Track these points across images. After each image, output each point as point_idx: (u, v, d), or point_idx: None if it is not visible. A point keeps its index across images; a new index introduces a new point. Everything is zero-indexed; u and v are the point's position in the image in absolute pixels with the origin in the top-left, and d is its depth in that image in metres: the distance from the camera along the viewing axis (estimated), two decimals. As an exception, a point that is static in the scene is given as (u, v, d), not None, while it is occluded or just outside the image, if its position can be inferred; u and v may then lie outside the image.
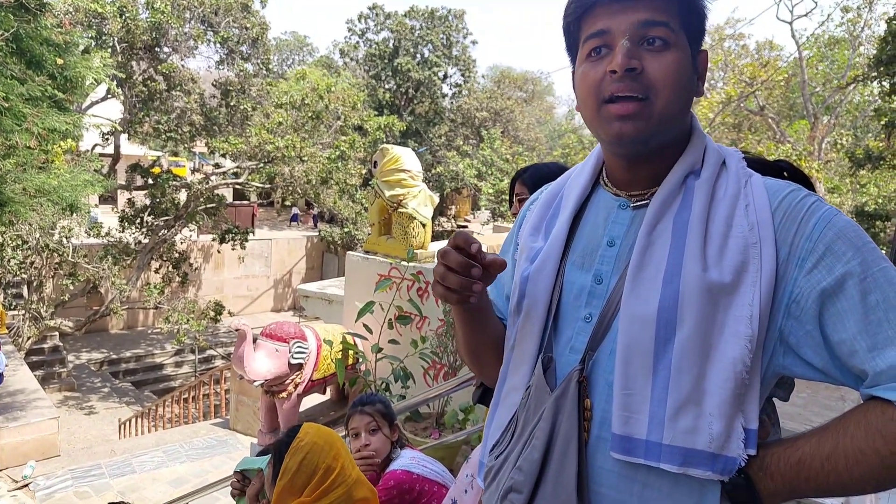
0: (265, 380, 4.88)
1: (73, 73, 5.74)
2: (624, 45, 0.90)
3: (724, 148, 1.00)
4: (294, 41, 43.72)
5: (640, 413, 0.88)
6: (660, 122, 0.92)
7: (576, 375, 0.95)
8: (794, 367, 0.89)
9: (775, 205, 0.90)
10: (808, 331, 0.86)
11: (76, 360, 16.07)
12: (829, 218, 0.86)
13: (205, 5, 13.97)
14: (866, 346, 0.81)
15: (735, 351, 0.85)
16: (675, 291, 0.88)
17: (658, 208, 0.94)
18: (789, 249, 0.87)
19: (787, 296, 0.86)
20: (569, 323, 1.01)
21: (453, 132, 29.04)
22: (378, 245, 5.57)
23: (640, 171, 1.00)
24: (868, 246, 0.85)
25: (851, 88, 17.42)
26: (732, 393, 0.85)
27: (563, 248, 1.05)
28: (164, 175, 14.66)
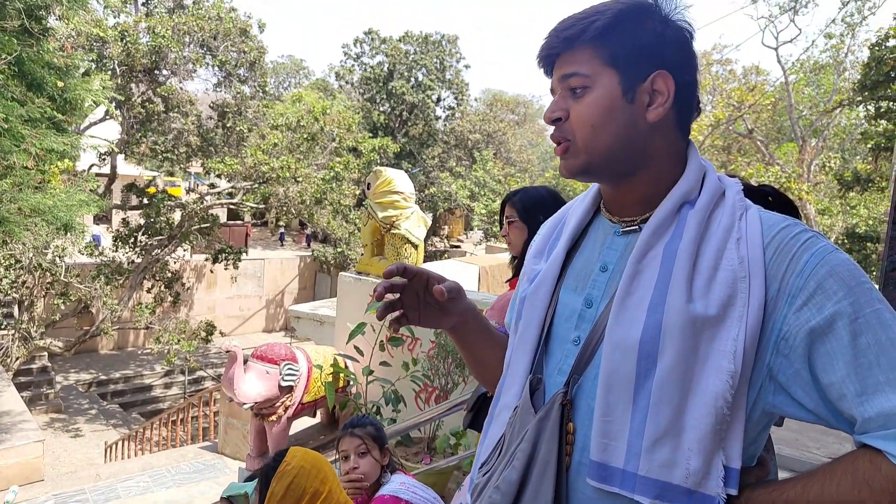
0: (255, 402, 4.87)
1: (73, 95, 5.80)
2: (552, 100, 1.01)
3: (725, 178, 1.00)
4: (291, 64, 44.09)
5: (619, 441, 0.88)
6: (590, 156, 0.98)
7: (559, 398, 0.95)
8: (785, 407, 0.87)
9: (768, 239, 0.89)
10: (797, 370, 0.84)
11: (64, 381, 15.91)
12: (822, 255, 0.84)
13: (204, 30, 14.14)
14: (855, 391, 0.79)
15: (716, 386, 0.84)
16: (657, 321, 0.88)
17: (649, 236, 0.94)
18: (779, 285, 0.85)
19: (776, 332, 0.85)
20: (559, 345, 1.01)
21: (446, 154, 29.24)
22: (371, 266, 5.61)
23: (623, 197, 1.02)
24: (863, 286, 0.82)
25: (838, 112, 17.68)
26: (712, 428, 0.83)
27: (560, 271, 1.06)
28: (160, 195, 14.69)
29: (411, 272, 1.08)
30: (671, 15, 0.97)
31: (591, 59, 0.95)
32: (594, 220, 1.09)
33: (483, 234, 26.47)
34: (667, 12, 0.97)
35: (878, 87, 12.72)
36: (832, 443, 3.32)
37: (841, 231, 17.09)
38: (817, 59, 19.81)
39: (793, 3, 16.97)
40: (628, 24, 0.95)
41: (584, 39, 0.95)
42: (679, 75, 0.96)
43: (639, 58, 0.94)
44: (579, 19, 0.96)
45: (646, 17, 0.96)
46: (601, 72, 0.95)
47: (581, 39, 0.96)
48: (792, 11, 17.17)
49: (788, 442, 3.28)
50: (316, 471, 1.86)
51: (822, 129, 18.36)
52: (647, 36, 0.95)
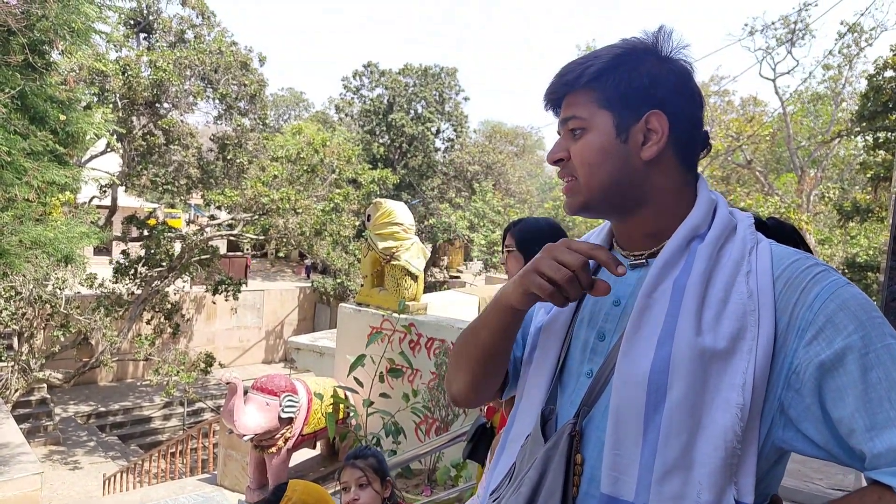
0: (255, 434, 4.83)
1: (75, 128, 5.85)
2: (555, 141, 1.07)
3: (736, 212, 1.02)
4: (291, 97, 44.65)
5: (629, 475, 0.88)
6: (591, 194, 1.01)
7: (568, 429, 0.96)
8: (794, 443, 0.87)
9: (778, 272, 0.89)
10: (807, 405, 0.84)
11: (63, 413, 15.78)
12: (833, 289, 0.85)
13: (205, 64, 14.35)
14: (864, 426, 0.79)
15: (726, 419, 0.84)
16: (666, 355, 0.88)
17: (659, 271, 0.95)
18: (789, 319, 0.86)
19: (787, 366, 0.85)
20: (572, 377, 1.03)
21: (446, 185, 29.40)
22: (370, 297, 5.61)
23: (629, 231, 1.04)
24: (874, 321, 0.82)
25: (836, 143, 17.83)
26: (723, 462, 0.83)
27: (577, 305, 1.08)
28: (160, 226, 14.75)
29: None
30: (671, 53, 1.01)
31: (588, 103, 1.00)
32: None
33: (483, 264, 26.48)
34: (666, 52, 1.01)
35: (876, 118, 12.84)
36: (835, 473, 3.27)
37: (841, 261, 17.09)
38: (815, 90, 20.07)
39: (790, 34, 17.25)
40: (622, 67, 0.99)
41: (581, 84, 1.01)
42: (676, 112, 0.98)
43: (632, 99, 0.98)
44: (578, 64, 1.02)
45: (641, 60, 0.99)
46: (597, 114, 0.99)
47: (578, 84, 1.01)
48: (789, 43, 17.45)
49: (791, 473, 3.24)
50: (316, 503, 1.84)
51: (820, 159, 18.50)
52: (642, 78, 0.98)
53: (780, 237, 1.09)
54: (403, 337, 5.00)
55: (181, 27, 15.28)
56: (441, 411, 4.46)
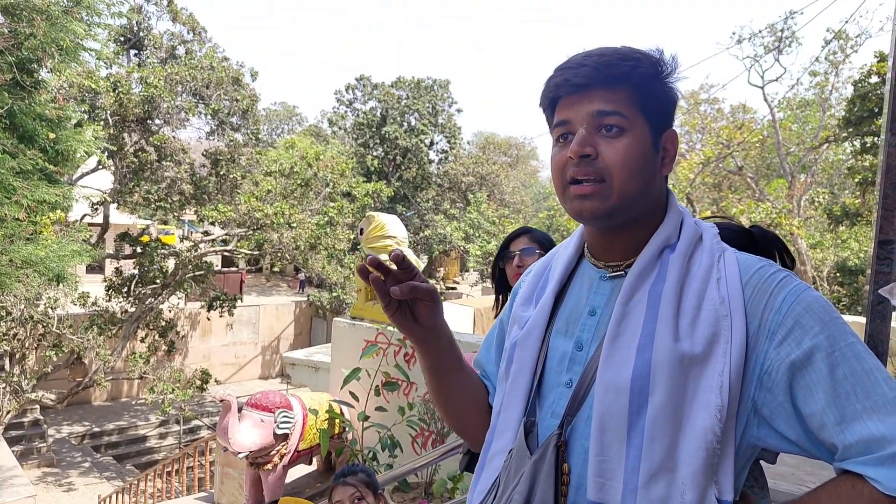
0: (250, 451, 4.78)
1: (65, 146, 5.85)
2: (580, 134, 0.97)
3: (701, 223, 1.05)
4: (283, 111, 44.76)
5: (615, 480, 0.90)
6: (618, 201, 0.97)
7: (554, 440, 0.97)
8: (768, 439, 0.90)
9: (746, 279, 0.93)
10: (780, 402, 0.87)
11: (57, 434, 15.64)
12: (797, 293, 0.89)
13: (197, 80, 14.38)
14: (835, 420, 0.83)
15: (705, 420, 0.87)
16: (647, 361, 0.91)
17: (635, 280, 0.98)
18: (759, 322, 0.89)
19: (759, 367, 0.89)
20: (551, 388, 1.03)
21: (440, 196, 29.48)
22: (365, 311, 5.57)
23: (614, 243, 1.04)
24: (836, 321, 0.87)
25: (825, 148, 17.96)
26: (704, 462, 0.86)
27: (549, 317, 1.08)
28: (153, 243, 14.71)
29: (407, 265, 1.01)
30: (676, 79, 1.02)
31: (631, 104, 0.97)
32: (578, 266, 1.12)
33: (479, 275, 26.49)
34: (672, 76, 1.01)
35: (863, 123, 12.97)
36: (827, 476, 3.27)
37: (832, 265, 17.18)
38: (803, 97, 20.23)
39: (777, 42, 17.41)
40: (660, 78, 0.99)
41: (628, 82, 0.97)
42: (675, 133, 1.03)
43: (662, 113, 1.00)
44: (621, 59, 0.97)
45: (668, 76, 1.00)
46: (637, 118, 0.97)
47: (625, 81, 0.97)
48: (776, 51, 17.60)
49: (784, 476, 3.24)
50: (308, 521, 1.82)
51: (810, 164, 18.64)
52: (669, 94, 1.00)
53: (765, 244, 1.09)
54: (398, 350, 4.97)
55: (172, 43, 15.34)
56: (437, 424, 4.44)
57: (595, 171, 0.96)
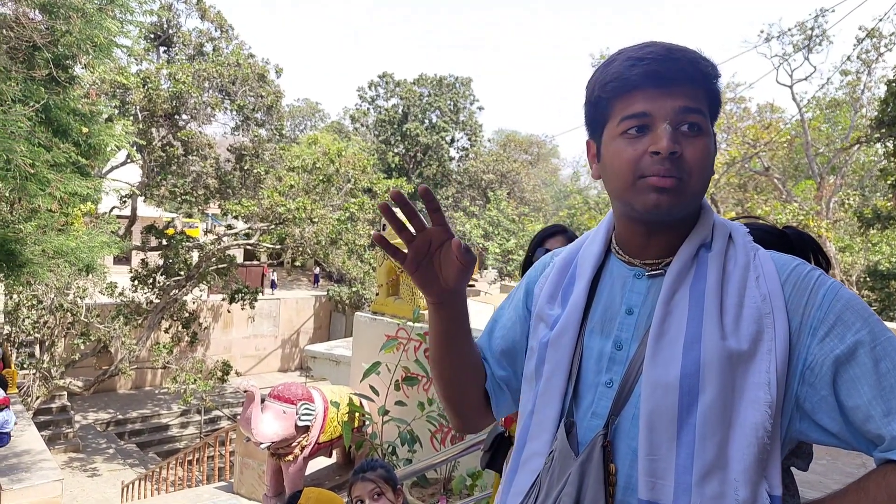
0: (272, 442, 4.87)
1: (97, 140, 5.97)
2: (667, 130, 0.94)
3: (728, 222, 1.05)
4: (307, 107, 45.00)
5: (666, 479, 0.90)
6: (690, 199, 0.97)
7: (600, 440, 0.96)
8: (809, 433, 0.92)
9: (784, 277, 0.95)
10: (822, 396, 0.89)
11: (83, 421, 15.97)
12: (835, 290, 0.91)
13: (223, 76, 14.57)
14: (882, 412, 0.84)
15: (756, 417, 0.88)
16: (696, 359, 0.91)
17: (674, 279, 0.98)
18: (801, 318, 0.91)
19: (802, 363, 0.90)
20: (589, 388, 1.02)
21: (460, 193, 29.50)
22: (386, 306, 5.64)
23: (656, 241, 1.03)
24: (873, 317, 0.89)
25: (855, 149, 17.62)
26: (756, 458, 0.88)
27: (584, 315, 1.07)
28: (178, 236, 14.93)
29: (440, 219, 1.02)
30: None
31: (704, 104, 0.97)
32: (606, 262, 1.10)
33: (498, 273, 26.45)
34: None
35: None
36: (855, 483, 3.25)
37: (863, 269, 16.85)
38: (833, 96, 19.85)
39: (807, 41, 17.11)
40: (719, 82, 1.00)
41: (707, 83, 0.97)
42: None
43: (715, 116, 1.01)
44: (701, 58, 0.97)
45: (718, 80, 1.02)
46: (707, 119, 0.98)
47: (704, 80, 0.96)
48: (806, 49, 17.30)
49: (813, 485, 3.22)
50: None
51: (839, 166, 18.28)
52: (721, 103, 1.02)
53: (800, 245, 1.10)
54: (419, 346, 5.02)
55: (200, 40, 15.54)
56: (456, 420, 4.46)
57: (678, 169, 0.94)
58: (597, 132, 1.05)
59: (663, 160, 0.93)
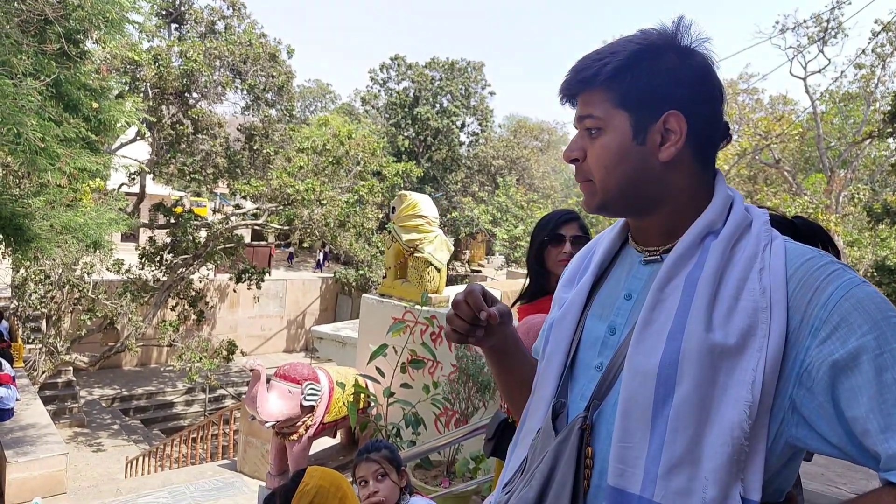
0: (277, 421, 4.89)
1: (107, 116, 5.94)
2: (572, 140, 1.04)
3: (752, 209, 1.00)
4: (317, 89, 44.88)
5: (636, 467, 0.88)
6: (604, 196, 1.01)
7: (579, 422, 0.96)
8: (809, 441, 0.86)
9: (792, 270, 0.88)
10: (820, 403, 0.83)
11: (88, 396, 16.12)
12: (848, 287, 0.83)
13: (234, 55, 14.51)
14: (879, 427, 0.78)
15: (734, 415, 0.84)
16: (676, 349, 0.88)
17: (672, 266, 0.95)
18: (802, 317, 0.85)
19: (799, 364, 0.84)
20: (583, 371, 1.03)
21: (469, 179, 29.43)
22: (393, 288, 5.63)
23: (646, 228, 1.04)
24: (889, 321, 0.81)
25: (867, 143, 17.46)
26: (729, 458, 0.83)
27: (587, 299, 1.08)
28: (186, 214, 14.96)
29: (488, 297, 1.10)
30: (693, 46, 0.98)
31: (604, 102, 0.98)
32: (622, 250, 1.11)
33: (505, 259, 26.43)
34: (686, 44, 0.98)
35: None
36: (860, 478, 3.24)
37: (871, 263, 16.77)
38: (847, 90, 19.65)
39: (822, 33, 16.90)
40: (640, 65, 0.96)
41: (598, 82, 0.98)
42: (695, 111, 0.96)
43: (650, 100, 0.96)
44: (594, 60, 0.98)
45: (660, 56, 0.96)
46: (613, 114, 0.97)
47: (595, 82, 0.98)
48: (821, 42, 17.09)
49: (814, 476, 3.22)
50: (335, 489, 1.87)
51: (851, 160, 18.14)
52: (660, 76, 0.95)
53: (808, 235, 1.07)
54: (425, 329, 5.01)
55: (212, 18, 15.45)
56: (461, 404, 4.48)
57: (584, 172, 1.02)
58: None
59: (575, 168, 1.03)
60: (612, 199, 1.00)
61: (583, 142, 1.01)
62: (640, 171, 0.97)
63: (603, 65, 0.97)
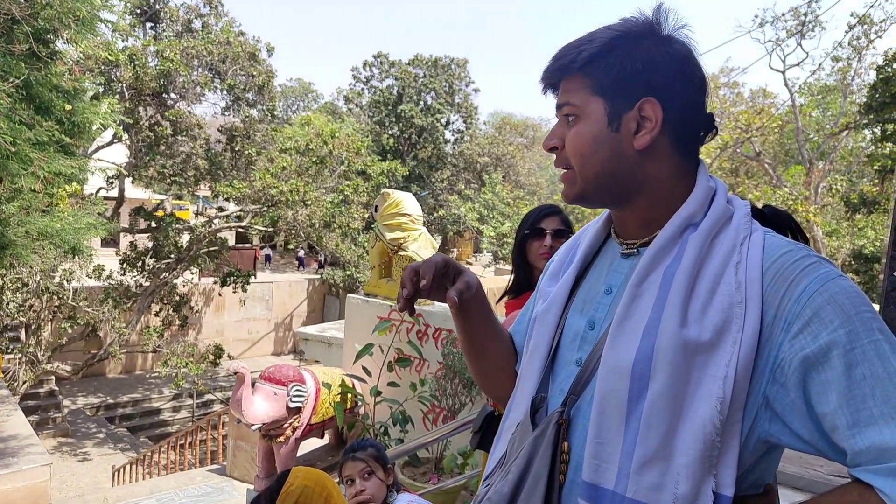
0: (263, 424, 4.83)
1: (81, 118, 5.83)
2: (552, 128, 1.04)
3: (735, 201, 0.99)
4: (299, 88, 44.71)
5: (610, 463, 0.88)
6: (584, 185, 1.00)
7: (556, 417, 0.97)
8: (781, 436, 0.85)
9: (768, 264, 0.87)
10: (792, 399, 0.82)
11: (72, 405, 15.90)
12: (822, 281, 0.83)
13: (213, 54, 14.35)
14: (846, 423, 0.78)
15: (705, 411, 0.83)
16: (650, 345, 0.88)
17: (650, 259, 0.94)
18: (776, 311, 0.84)
19: (772, 360, 0.84)
20: (563, 365, 1.03)
21: (455, 177, 29.42)
22: (378, 287, 5.59)
23: (626, 220, 1.04)
24: (862, 315, 0.80)
25: (844, 135, 17.70)
26: (701, 454, 0.83)
27: (570, 293, 1.08)
28: (168, 218, 14.80)
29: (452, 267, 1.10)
30: (672, 34, 0.98)
31: (581, 89, 0.98)
32: (606, 243, 1.11)
33: (492, 256, 26.48)
34: (665, 32, 0.98)
35: (884, 109, 12.74)
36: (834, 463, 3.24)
37: (848, 252, 17.03)
38: (825, 83, 19.90)
39: (800, 26, 17.08)
40: (616, 52, 0.96)
41: (574, 69, 0.98)
42: (672, 98, 0.95)
43: (625, 87, 0.95)
44: (572, 48, 0.99)
45: (637, 43, 0.96)
46: (589, 101, 0.97)
47: (571, 69, 0.99)
48: (799, 35, 17.28)
49: (792, 460, 3.22)
50: (320, 488, 1.85)
51: (829, 151, 18.40)
52: (635, 63, 0.95)
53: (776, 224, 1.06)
54: (411, 327, 4.98)
55: (188, 16, 15.25)
56: (448, 400, 4.45)
57: (562, 160, 1.03)
58: None
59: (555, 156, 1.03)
60: (590, 189, 1.00)
61: (561, 129, 1.01)
62: (616, 159, 0.97)
63: (580, 52, 0.97)
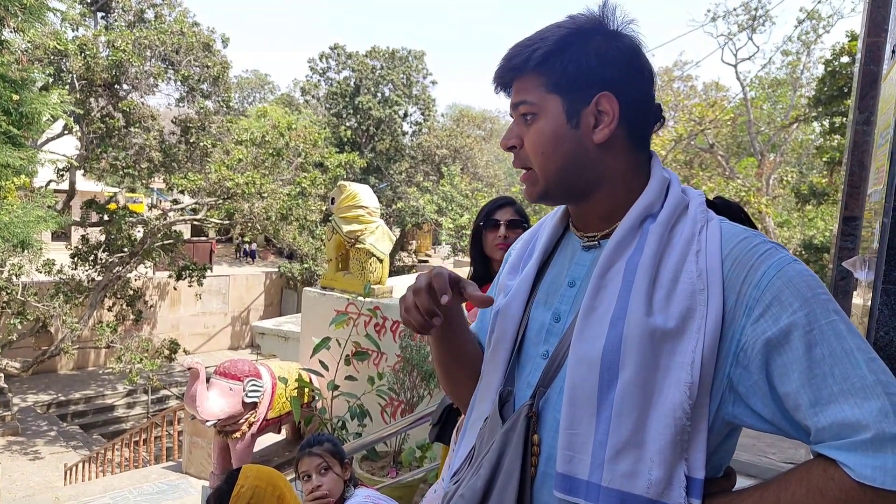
0: (218, 419, 4.79)
1: (30, 109, 5.67)
2: (508, 128, 1.04)
3: (690, 191, 1.02)
4: (255, 79, 43.87)
5: (583, 453, 0.89)
6: (546, 183, 1.01)
7: (525, 410, 0.97)
8: (744, 417, 0.87)
9: (727, 251, 0.89)
10: (755, 380, 0.84)
11: (22, 403, 15.42)
12: (780, 266, 0.85)
13: (166, 44, 14.01)
14: (808, 401, 0.80)
15: (675, 397, 0.85)
16: (618, 335, 0.89)
17: (612, 251, 0.96)
18: (737, 297, 0.86)
19: (735, 344, 0.86)
20: (529, 358, 1.03)
21: (413, 169, 29.33)
22: (335, 280, 5.58)
23: (585, 214, 1.05)
24: (819, 297, 0.83)
25: (794, 128, 18.21)
26: (673, 439, 0.85)
27: (532, 286, 1.08)
28: (121, 211, 14.42)
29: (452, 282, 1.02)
30: (619, 29, 0.99)
31: (537, 87, 0.99)
32: (565, 236, 1.11)
33: (451, 248, 26.53)
34: (614, 28, 0.99)
35: (832, 103, 13.11)
36: (788, 448, 3.38)
37: (799, 243, 17.54)
38: (775, 76, 20.42)
39: (751, 21, 17.49)
40: (570, 49, 0.97)
41: (529, 68, 0.98)
42: (626, 92, 0.97)
43: (581, 82, 0.97)
44: (524, 47, 0.99)
45: (588, 39, 0.97)
46: (546, 99, 0.98)
47: (525, 68, 0.99)
48: (750, 30, 17.69)
49: (745, 448, 3.33)
50: (272, 488, 1.84)
51: (779, 144, 18.87)
52: (589, 59, 0.96)
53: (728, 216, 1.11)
54: (369, 320, 5.00)
55: (140, 6, 14.83)
56: (406, 393, 4.48)
57: (522, 159, 1.03)
58: None
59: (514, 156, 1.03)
60: (553, 185, 1.01)
61: (519, 129, 1.02)
62: (577, 155, 0.98)
63: (533, 51, 0.97)
